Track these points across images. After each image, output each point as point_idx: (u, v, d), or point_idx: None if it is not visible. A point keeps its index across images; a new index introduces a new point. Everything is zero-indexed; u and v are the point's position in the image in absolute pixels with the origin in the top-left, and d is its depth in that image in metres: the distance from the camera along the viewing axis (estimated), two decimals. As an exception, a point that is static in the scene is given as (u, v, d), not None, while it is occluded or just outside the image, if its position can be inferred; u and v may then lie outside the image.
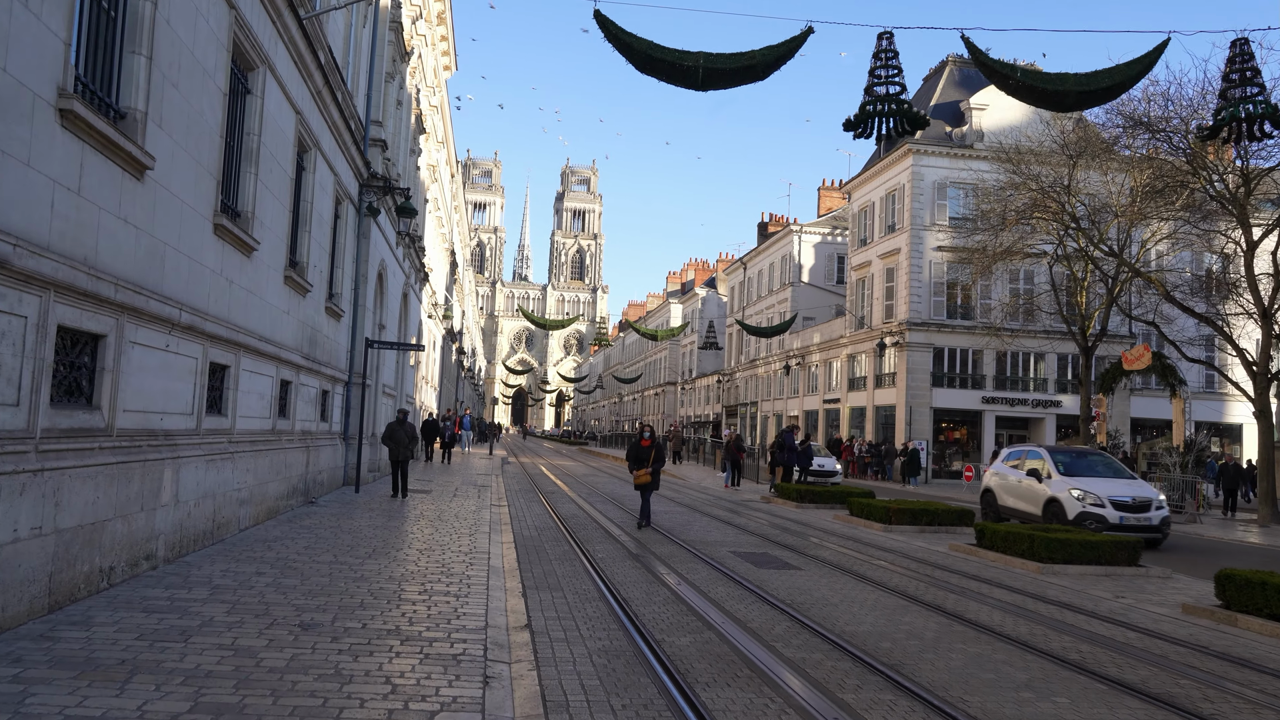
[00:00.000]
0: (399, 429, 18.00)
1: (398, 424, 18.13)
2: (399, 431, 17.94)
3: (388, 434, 18.03)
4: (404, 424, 18.22)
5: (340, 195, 18.21)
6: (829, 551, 13.89)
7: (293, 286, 14.39)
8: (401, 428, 18.03)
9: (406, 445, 17.88)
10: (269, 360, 13.14)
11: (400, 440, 17.84)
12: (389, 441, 17.93)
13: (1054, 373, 43.46)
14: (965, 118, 44.19)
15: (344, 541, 11.58)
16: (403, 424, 18.17)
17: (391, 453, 17.90)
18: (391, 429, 18.08)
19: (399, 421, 18.19)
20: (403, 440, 17.86)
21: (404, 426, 18.14)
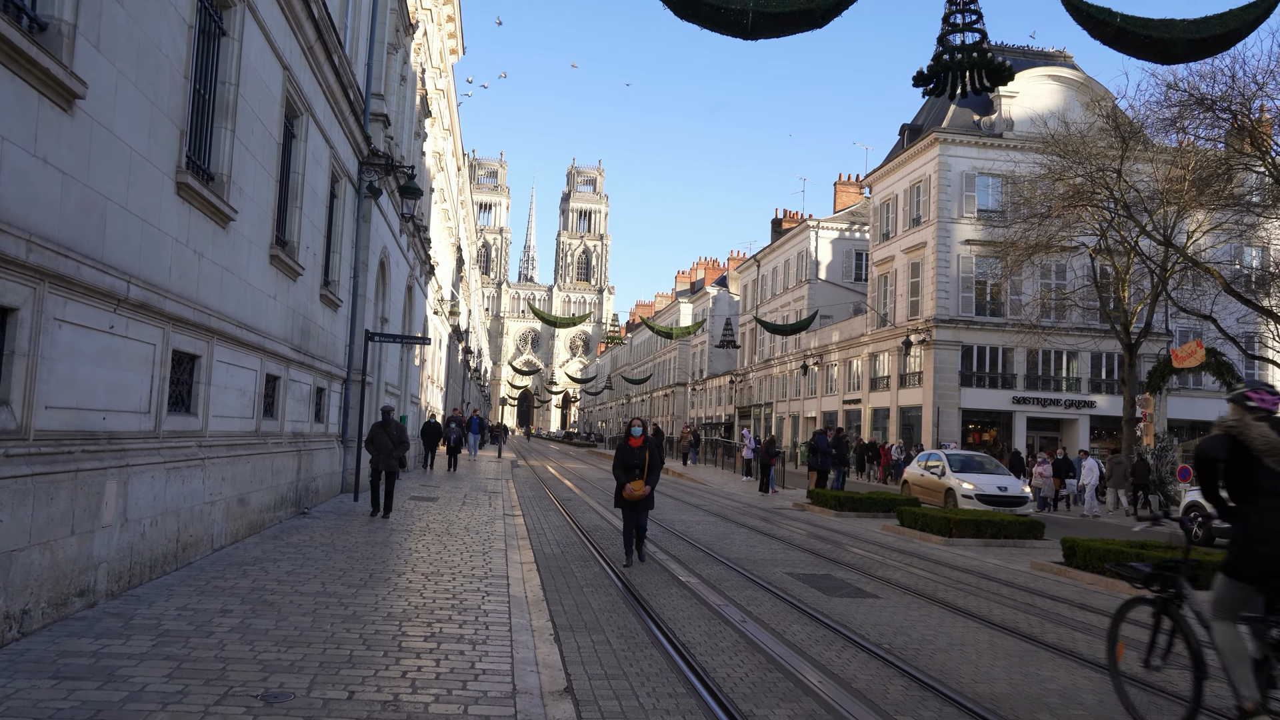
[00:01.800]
0: (382, 432, 14.50)
1: (381, 425, 14.63)
2: (382, 435, 14.46)
3: (369, 438, 14.60)
4: (389, 424, 14.63)
5: (337, 172, 16.43)
6: (897, 571, 12.05)
7: (281, 268, 12.60)
8: (385, 430, 14.50)
9: (391, 451, 14.46)
10: (251, 351, 11.35)
11: (384, 446, 14.40)
12: (370, 447, 14.51)
13: (1087, 372, 41.55)
14: (994, 105, 42.31)
15: (336, 564, 9.77)
16: (387, 425, 14.59)
17: (374, 461, 14.53)
18: (374, 432, 14.62)
19: (383, 422, 14.69)
20: (386, 446, 14.42)
21: (389, 428, 14.56)
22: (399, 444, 14.52)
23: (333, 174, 16.11)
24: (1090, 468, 25.07)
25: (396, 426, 14.70)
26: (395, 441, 14.46)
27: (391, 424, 14.66)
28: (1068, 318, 38.01)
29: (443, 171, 35.64)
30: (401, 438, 14.59)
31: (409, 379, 27.38)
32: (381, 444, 14.42)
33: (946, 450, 25.10)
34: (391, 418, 14.78)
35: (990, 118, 42.06)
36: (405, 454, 14.85)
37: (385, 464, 14.40)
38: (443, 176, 35.94)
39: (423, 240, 28.35)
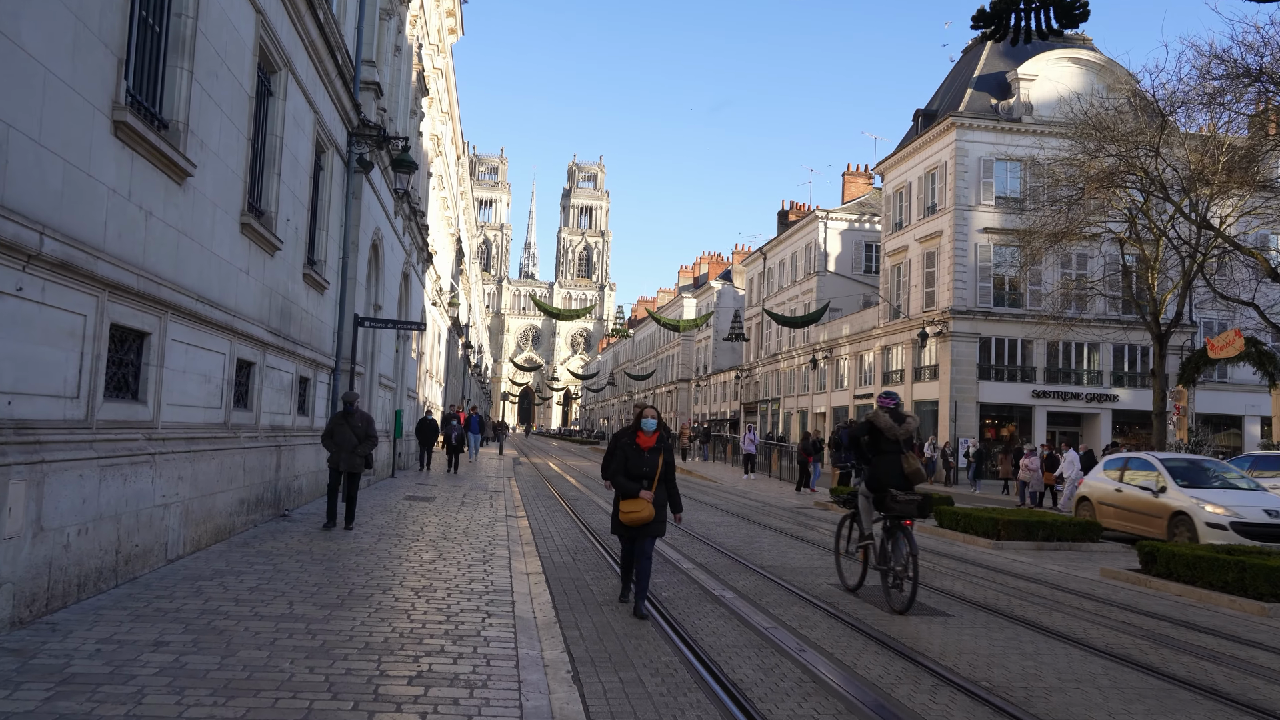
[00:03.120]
0: (344, 423, 12.00)
1: (343, 416, 12.11)
2: (344, 428, 11.96)
3: (327, 431, 12.14)
4: (353, 415, 12.10)
5: (323, 141, 14.97)
6: (955, 581, 10.60)
7: (255, 239, 11.14)
8: (348, 421, 11.99)
9: (355, 448, 11.95)
10: (218, 331, 9.90)
11: (345, 441, 11.91)
12: (328, 442, 12.01)
13: (1109, 364, 40.06)
14: (1012, 89, 40.82)
15: (311, 577, 8.32)
16: (350, 415, 12.06)
17: (332, 459, 12.00)
18: (334, 424, 12.12)
19: (345, 412, 12.15)
20: (349, 441, 11.92)
21: (352, 419, 12.04)
22: (365, 439, 12.02)
23: (318, 142, 14.65)
24: (1071, 459, 23.29)
25: (363, 418, 12.19)
26: (361, 436, 11.99)
27: (356, 414, 12.15)
28: (1089, 308, 36.57)
29: (441, 157, 34.17)
30: (368, 431, 12.06)
31: (405, 372, 25.92)
32: (343, 438, 11.93)
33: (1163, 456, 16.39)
34: (356, 407, 12.32)
35: (1009, 101, 40.57)
36: (373, 451, 12.28)
37: (346, 463, 11.88)
38: (441, 162, 34.47)
39: (420, 226, 26.88)
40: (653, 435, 8.19)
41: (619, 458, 8.21)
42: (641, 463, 8.08)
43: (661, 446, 8.16)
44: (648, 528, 7.98)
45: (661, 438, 8.28)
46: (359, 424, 12.05)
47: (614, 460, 8.26)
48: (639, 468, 8.08)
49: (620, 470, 8.14)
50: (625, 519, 7.99)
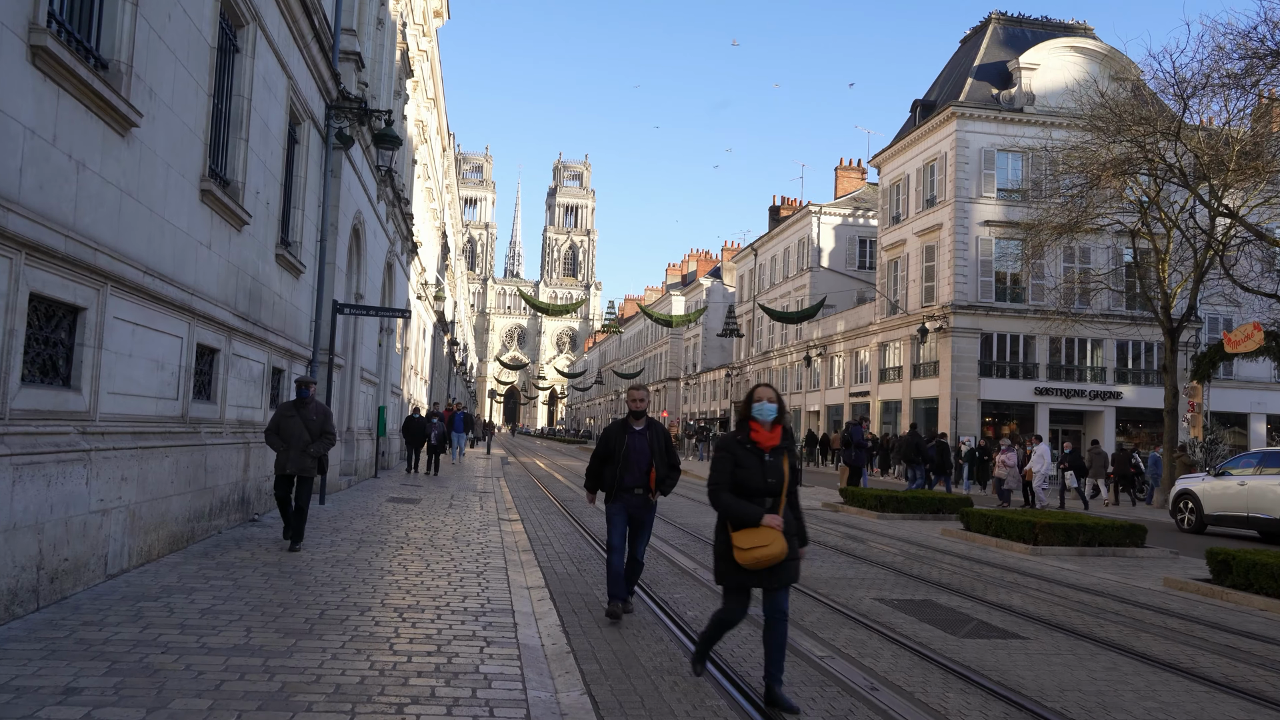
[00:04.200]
0: (293, 416, 9.76)
1: (294, 406, 9.90)
2: (293, 421, 9.71)
3: (273, 424, 9.82)
4: (306, 405, 9.88)
5: (298, 111, 13.70)
6: (1009, 593, 9.43)
7: (218, 210, 9.88)
8: (300, 413, 9.76)
9: (306, 447, 9.69)
10: (173, 311, 8.63)
11: (295, 436, 9.64)
12: (274, 438, 9.72)
13: (1113, 361, 39.11)
14: (1014, 79, 39.82)
15: (276, 594, 7.08)
16: (303, 406, 9.85)
17: (280, 460, 9.75)
18: (281, 416, 9.84)
19: (297, 401, 9.97)
20: (299, 437, 9.65)
21: (305, 411, 9.81)
22: (321, 435, 9.80)
23: (292, 112, 13.38)
24: (1041, 454, 22.01)
25: (319, 409, 9.95)
26: (316, 431, 9.76)
27: (311, 405, 9.91)
28: (1093, 303, 35.58)
29: (426, 145, 32.88)
30: (325, 426, 9.86)
31: (389, 367, 24.62)
32: (291, 433, 9.62)
33: None
34: (312, 395, 10.07)
35: (1010, 91, 39.57)
36: (327, 449, 9.96)
37: (295, 464, 9.61)
38: (426, 150, 33.18)
39: (404, 215, 25.59)
40: (775, 430, 5.26)
41: (723, 467, 5.24)
42: (764, 472, 5.18)
43: (786, 446, 5.34)
44: (780, 571, 5.10)
45: (786, 432, 5.39)
46: (314, 416, 9.80)
47: (721, 473, 5.25)
48: (760, 480, 5.16)
49: (725, 484, 5.22)
50: (747, 559, 5.03)
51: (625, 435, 7.42)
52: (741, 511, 5.13)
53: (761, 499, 5.18)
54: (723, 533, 5.28)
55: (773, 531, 5.05)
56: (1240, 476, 17.87)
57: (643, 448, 7.35)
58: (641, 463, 7.32)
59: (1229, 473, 18.38)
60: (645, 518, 7.48)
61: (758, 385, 5.48)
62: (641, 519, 7.45)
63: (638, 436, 7.40)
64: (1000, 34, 41.86)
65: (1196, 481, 19.11)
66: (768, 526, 5.05)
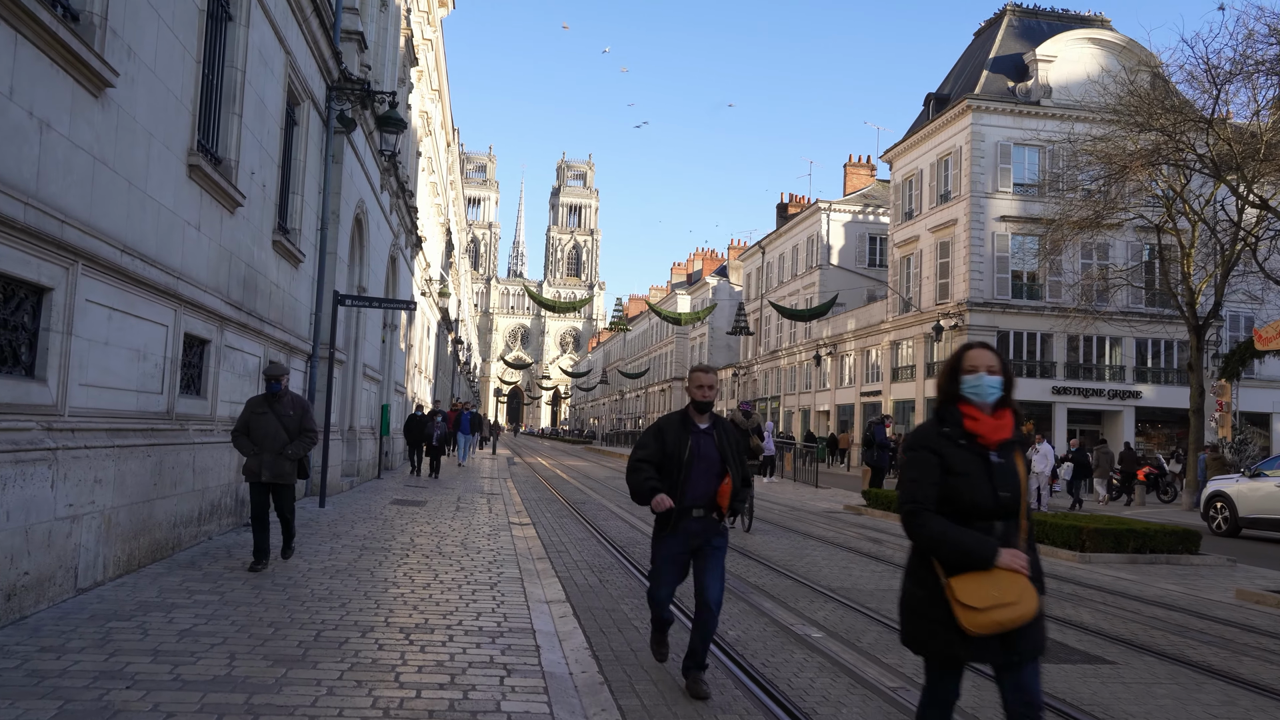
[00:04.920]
0: (265, 411, 8.21)
1: (265, 401, 8.31)
2: (266, 418, 8.17)
3: (240, 424, 8.24)
4: (280, 400, 8.30)
5: (297, 90, 12.91)
6: (1079, 609, 8.61)
7: (209, 189, 9.09)
8: (272, 408, 8.23)
9: (282, 448, 8.15)
10: (157, 295, 7.84)
11: (267, 436, 8.12)
12: (242, 440, 8.17)
13: (1132, 359, 38.25)
14: (1029, 71, 38.98)
15: (268, 611, 6.29)
16: (276, 401, 8.28)
17: (250, 464, 8.14)
18: (250, 412, 8.25)
19: (269, 396, 8.35)
20: (274, 437, 8.12)
21: (279, 406, 8.26)
22: (300, 434, 8.26)
23: (290, 91, 12.59)
24: (1045, 454, 21.05)
25: (295, 403, 8.40)
26: (293, 429, 8.22)
27: (285, 399, 8.31)
28: (1112, 301, 34.72)
29: (430, 137, 32.11)
30: (304, 423, 8.31)
31: (393, 364, 23.83)
32: (264, 433, 8.06)
33: None
34: (286, 387, 8.41)
35: (1026, 84, 38.73)
36: (308, 450, 8.40)
37: (271, 469, 8.04)
38: (430, 143, 32.40)
39: (409, 206, 24.81)
40: (1003, 417, 3.42)
41: (925, 474, 3.35)
42: (993, 481, 3.31)
43: (1018, 439, 3.46)
44: (1026, 637, 3.24)
45: (1017, 418, 3.47)
46: (289, 412, 8.25)
47: (917, 483, 3.36)
48: (988, 494, 3.29)
49: (930, 500, 3.31)
50: (982, 621, 3.16)
51: (688, 435, 5.28)
52: (967, 545, 3.19)
53: (989, 523, 3.26)
54: (928, 578, 3.30)
55: (1018, 579, 3.16)
56: (1278, 478, 17.16)
57: (711, 453, 5.25)
58: (710, 474, 5.21)
59: (1264, 474, 17.65)
60: (714, 546, 5.30)
61: (970, 346, 3.47)
62: (709, 549, 5.28)
63: (703, 438, 5.29)
64: (1015, 26, 41.02)
65: (1230, 483, 18.37)
66: (1009, 569, 3.16)
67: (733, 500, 5.22)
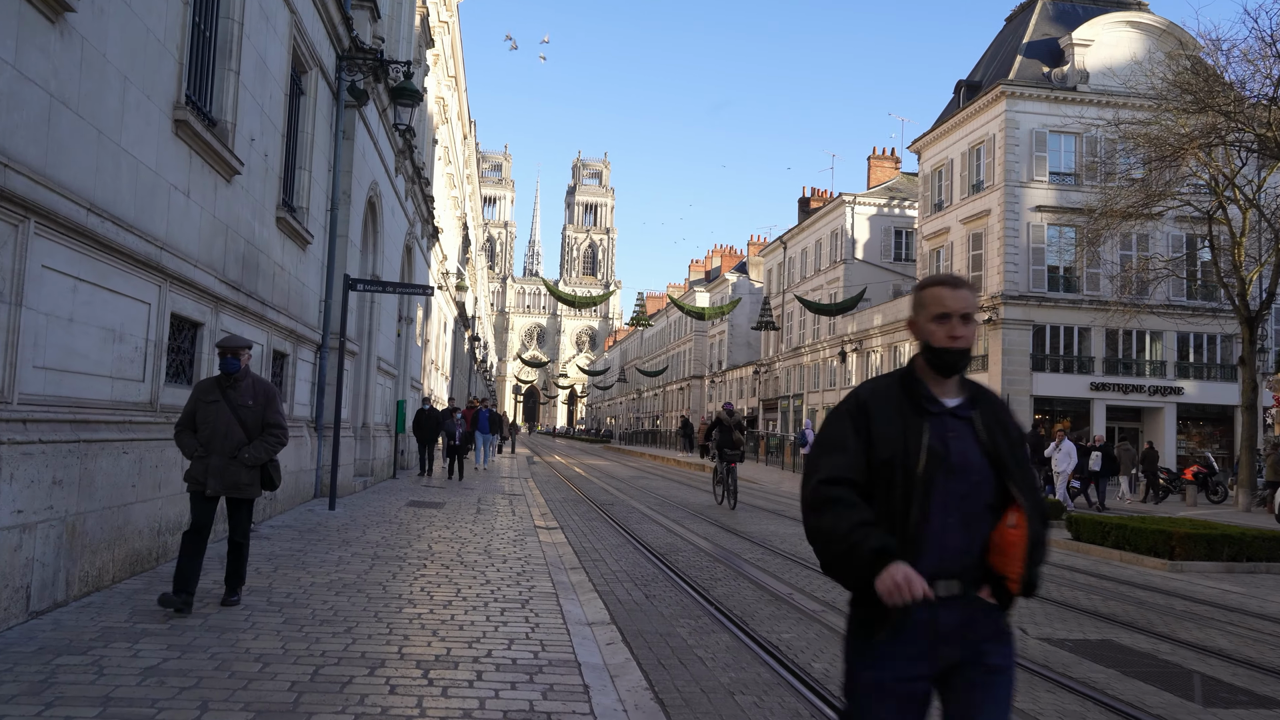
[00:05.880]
0: (215, 398, 6.15)
1: (215, 386, 6.24)
2: (217, 408, 6.12)
3: (185, 417, 6.17)
4: (234, 384, 6.22)
5: (304, 56, 11.84)
6: (1204, 630, 7.42)
7: (199, 149, 8.01)
8: (225, 396, 6.17)
9: (238, 449, 6.14)
10: (134, 265, 6.76)
11: (218, 435, 6.09)
12: (186, 438, 6.13)
13: (1173, 354, 36.80)
14: (1065, 56, 37.59)
15: (256, 640, 5.18)
16: (229, 385, 6.21)
17: (193, 470, 6.11)
18: (198, 400, 6.18)
19: (220, 379, 6.26)
20: (225, 435, 6.11)
21: (233, 393, 6.19)
22: (266, 429, 6.26)
23: (296, 55, 11.52)
24: (1068, 451, 19.64)
25: (257, 390, 6.30)
26: (255, 424, 6.22)
27: (244, 384, 6.25)
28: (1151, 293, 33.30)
29: (447, 125, 31.06)
30: (269, 415, 6.28)
31: (408, 359, 22.78)
32: (214, 428, 6.08)
33: None
34: (246, 367, 6.32)
35: (1062, 69, 37.34)
36: (274, 452, 6.30)
37: (221, 478, 6.07)
38: (447, 131, 31.36)
39: (425, 194, 23.75)
40: None
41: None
42: None
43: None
44: None
45: None
46: (248, 401, 6.17)
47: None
48: None
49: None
50: None
51: (922, 424, 2.49)
52: None
53: None
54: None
55: None
56: None
57: (972, 458, 2.49)
58: (974, 504, 2.47)
59: None
60: (989, 665, 2.47)
61: None
62: (977, 671, 2.46)
63: (955, 428, 2.51)
64: (1050, 10, 39.63)
65: None
66: None
67: (1028, 562, 2.42)
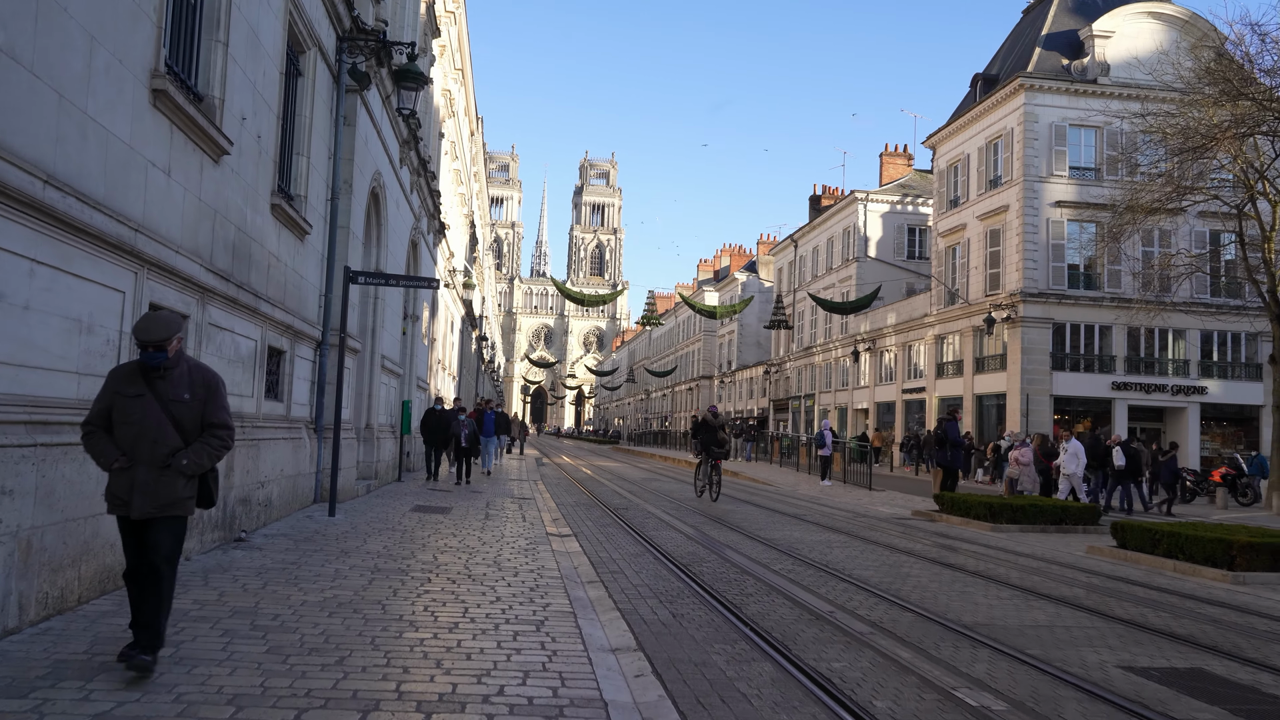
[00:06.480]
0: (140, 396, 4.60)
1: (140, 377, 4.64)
2: (139, 406, 4.58)
3: (97, 415, 4.62)
4: (161, 375, 4.65)
5: (300, 34, 11.14)
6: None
7: (181, 124, 7.30)
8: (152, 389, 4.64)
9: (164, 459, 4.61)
10: (104, 249, 6.06)
11: (140, 439, 4.58)
12: (100, 443, 4.60)
13: (1197, 353, 35.93)
14: (1085, 48, 36.78)
15: (232, 676, 4.48)
16: (156, 379, 4.65)
17: (114, 487, 4.60)
18: (112, 395, 4.61)
19: (144, 369, 4.62)
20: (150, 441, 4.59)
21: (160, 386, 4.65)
22: (205, 432, 4.77)
23: (292, 32, 10.82)
24: (1074, 452, 18.62)
25: (194, 380, 4.77)
26: (191, 424, 4.73)
27: (178, 374, 4.72)
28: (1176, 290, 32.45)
29: (454, 119, 30.36)
30: (211, 414, 4.77)
31: (414, 358, 22.08)
32: (137, 429, 4.60)
33: None
34: (180, 351, 4.78)
35: (1082, 61, 36.52)
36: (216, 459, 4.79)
37: (146, 493, 4.57)
38: (454, 125, 30.66)
39: (431, 189, 23.06)
40: None
41: None
42: None
43: None
44: None
45: None
46: (182, 395, 4.70)
47: None
48: None
49: None
50: None
51: None
52: None
53: None
54: None
55: None
56: None
57: None
58: None
59: None
60: None
61: None
62: None
63: None
64: (1069, 1, 38.80)
65: None
66: None
67: None
